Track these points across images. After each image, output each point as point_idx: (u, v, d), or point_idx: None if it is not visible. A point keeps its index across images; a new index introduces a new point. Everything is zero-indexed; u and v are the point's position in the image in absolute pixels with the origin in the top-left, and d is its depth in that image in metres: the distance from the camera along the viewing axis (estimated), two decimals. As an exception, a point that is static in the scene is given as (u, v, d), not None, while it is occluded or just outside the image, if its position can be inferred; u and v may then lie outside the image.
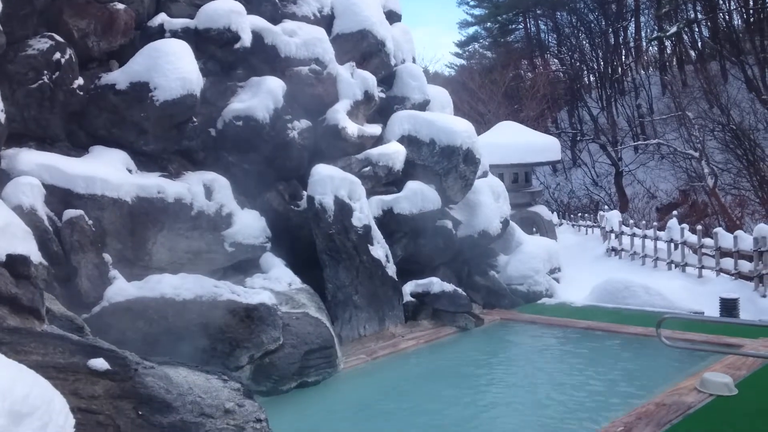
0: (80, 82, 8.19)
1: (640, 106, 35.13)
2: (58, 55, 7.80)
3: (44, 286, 5.53)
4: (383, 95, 12.10)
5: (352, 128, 10.55)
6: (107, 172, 7.70)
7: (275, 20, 10.61)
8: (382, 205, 10.59)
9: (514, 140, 18.90)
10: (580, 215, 25.21)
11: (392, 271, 9.87)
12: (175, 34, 9.14)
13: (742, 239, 12.35)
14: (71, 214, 7.06)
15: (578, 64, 40.71)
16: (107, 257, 7.36)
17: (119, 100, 8.31)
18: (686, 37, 34.93)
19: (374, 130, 11.24)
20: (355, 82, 11.02)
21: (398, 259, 10.58)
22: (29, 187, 6.81)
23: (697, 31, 34.56)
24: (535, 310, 11.33)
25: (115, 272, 7.34)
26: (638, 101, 35.42)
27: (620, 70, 38.57)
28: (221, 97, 9.66)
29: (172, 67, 8.37)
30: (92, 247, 7.13)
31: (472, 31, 47.14)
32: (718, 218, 23.64)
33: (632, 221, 18.62)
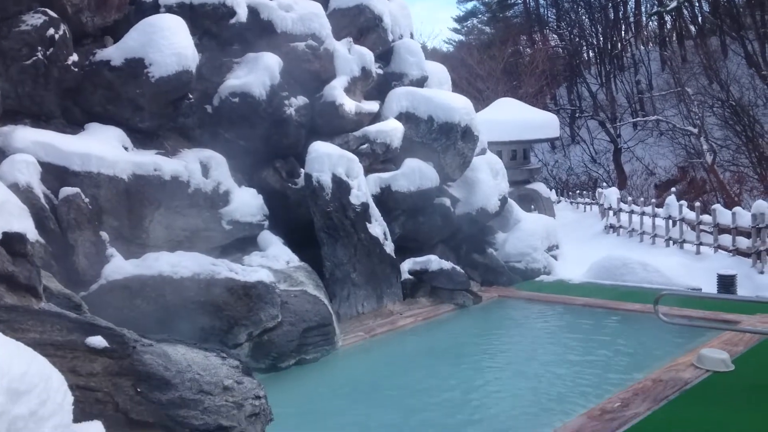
0: (75, 58, 8.08)
1: (639, 82, 34.93)
2: (52, 30, 7.69)
3: (41, 263, 5.51)
4: (381, 71, 11.98)
5: (349, 105, 10.46)
6: (103, 149, 7.65)
7: (271, -6, 10.46)
8: (379, 182, 10.55)
9: (512, 117, 18.80)
10: (578, 192, 25.11)
11: (390, 248, 9.87)
12: (170, 9, 9.00)
13: (740, 216, 12.37)
14: (67, 191, 7.02)
15: (577, 39, 40.33)
16: (104, 235, 7.33)
17: (114, 76, 8.22)
18: (686, 11, 34.60)
19: (372, 106, 11.15)
20: (352, 58, 10.92)
21: (396, 236, 10.58)
22: (25, 164, 6.77)
23: (697, 5, 34.22)
24: (533, 287, 11.36)
25: (112, 250, 7.33)
26: (637, 77, 35.20)
27: (620, 45, 38.24)
28: (217, 73, 9.58)
29: (167, 42, 8.26)
30: (89, 224, 7.10)
31: (470, 6, 46.75)
32: (716, 195, 23.64)
33: (630, 198, 18.58)
